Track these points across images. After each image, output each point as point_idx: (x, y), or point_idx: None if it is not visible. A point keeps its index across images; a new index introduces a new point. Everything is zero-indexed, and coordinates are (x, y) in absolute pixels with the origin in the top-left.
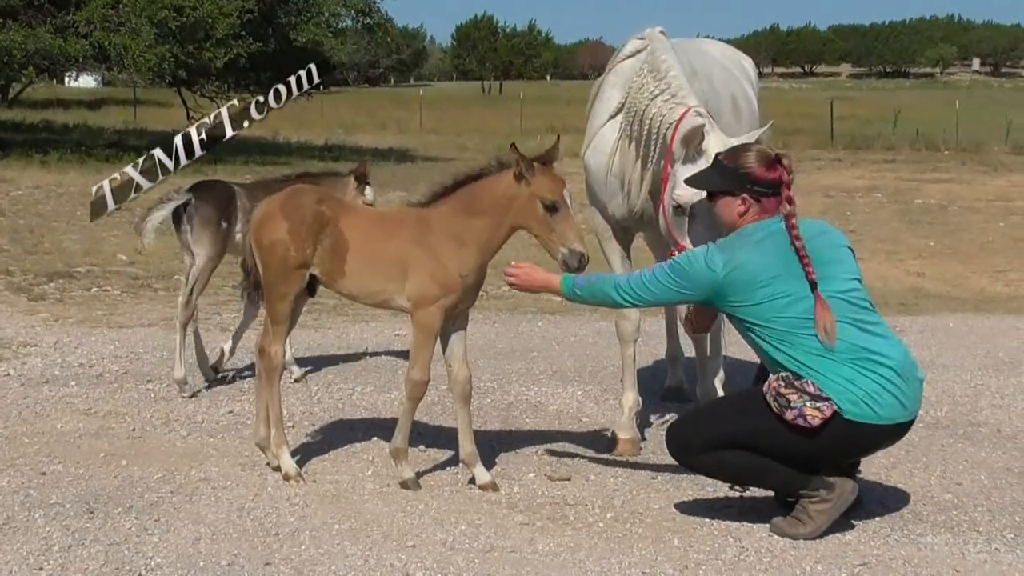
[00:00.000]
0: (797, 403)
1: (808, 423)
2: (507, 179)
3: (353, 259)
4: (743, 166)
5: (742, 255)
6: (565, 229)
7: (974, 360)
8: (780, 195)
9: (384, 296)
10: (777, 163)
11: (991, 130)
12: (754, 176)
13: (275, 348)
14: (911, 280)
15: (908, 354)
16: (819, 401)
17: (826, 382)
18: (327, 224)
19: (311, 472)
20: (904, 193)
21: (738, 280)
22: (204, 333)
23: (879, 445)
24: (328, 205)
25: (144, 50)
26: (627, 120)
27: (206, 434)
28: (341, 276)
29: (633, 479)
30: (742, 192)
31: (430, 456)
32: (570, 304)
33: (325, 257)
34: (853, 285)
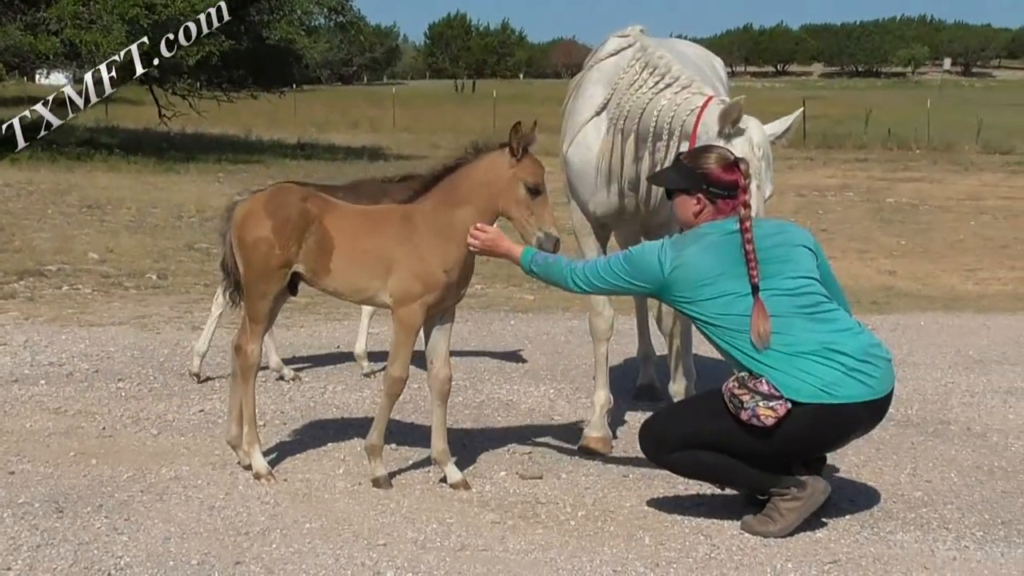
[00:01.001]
0: (750, 403)
1: (762, 423)
2: (487, 164)
3: (338, 257)
4: (701, 166)
5: (690, 252)
6: (543, 213)
7: (944, 358)
8: (736, 198)
9: (369, 293)
10: (735, 167)
11: (962, 129)
12: (711, 176)
13: (252, 347)
14: (882, 279)
15: (870, 338)
16: (772, 400)
17: (782, 377)
18: (312, 222)
19: (282, 471)
20: (876, 192)
21: (682, 277)
22: (175, 331)
23: (851, 431)
24: (313, 202)
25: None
26: (619, 116)
27: (177, 433)
28: (326, 274)
29: (605, 477)
30: (698, 192)
31: (401, 455)
32: (542, 303)
33: (310, 255)
34: (802, 282)
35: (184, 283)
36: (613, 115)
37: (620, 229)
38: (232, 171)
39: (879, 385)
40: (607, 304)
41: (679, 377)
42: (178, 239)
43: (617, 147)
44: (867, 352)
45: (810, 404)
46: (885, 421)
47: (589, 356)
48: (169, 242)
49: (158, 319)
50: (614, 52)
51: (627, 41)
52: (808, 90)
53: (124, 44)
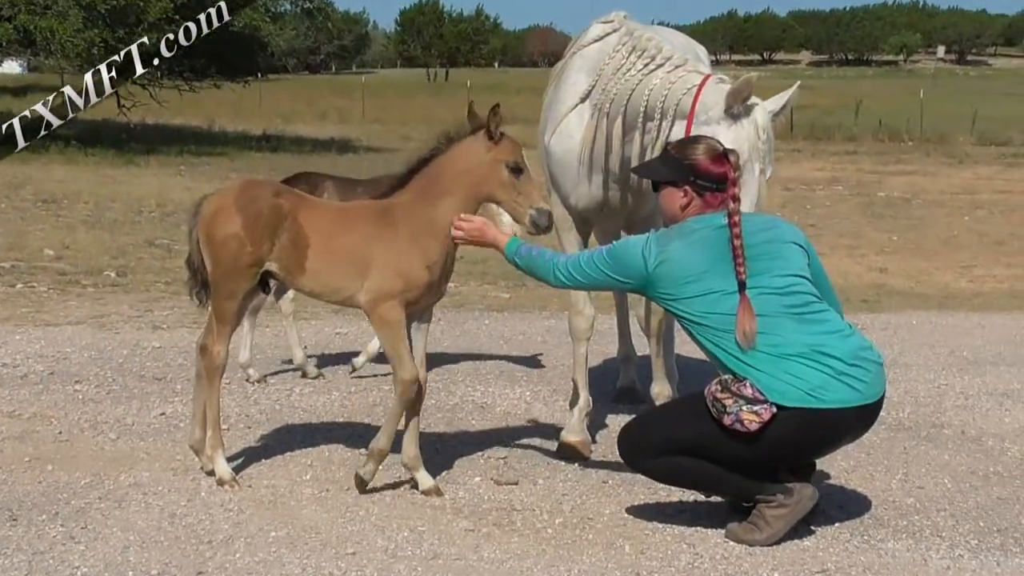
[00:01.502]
0: (732, 408)
1: (745, 428)
2: (464, 151)
3: (314, 256)
4: (689, 157)
5: (674, 248)
6: (531, 190)
7: (938, 359)
8: (725, 191)
9: (347, 294)
10: (724, 158)
11: (957, 120)
12: (698, 168)
13: (218, 348)
14: (873, 276)
15: (861, 341)
16: (756, 404)
17: (767, 379)
18: (285, 219)
19: (247, 477)
20: (866, 186)
21: (666, 273)
22: (135, 331)
23: (840, 437)
24: (286, 198)
25: (72, 34)
26: (604, 100)
27: (136, 437)
28: (301, 273)
29: (583, 483)
30: (685, 184)
31: None
32: (518, 301)
33: (283, 253)
34: (791, 280)
35: (144, 281)
36: (598, 101)
37: (602, 224)
38: (194, 164)
39: (869, 390)
40: (588, 302)
41: (661, 379)
42: (138, 235)
43: (602, 132)
44: (857, 355)
45: (796, 408)
46: (876, 425)
47: (567, 357)
48: (128, 238)
49: (117, 318)
50: (598, 38)
51: (611, 27)
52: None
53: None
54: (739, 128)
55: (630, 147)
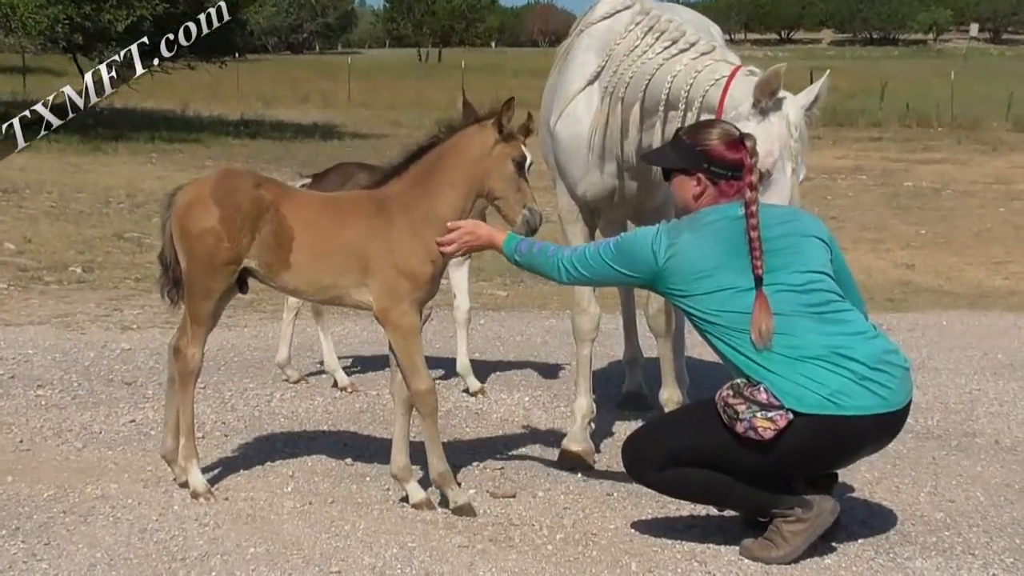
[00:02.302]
0: (746, 414)
1: (759, 436)
2: (470, 141)
3: (300, 250)
4: (702, 143)
5: (686, 240)
6: (528, 189)
7: (970, 362)
8: (741, 179)
9: (337, 291)
10: (740, 144)
11: (990, 104)
12: (712, 154)
13: (192, 350)
14: (899, 273)
15: (886, 344)
16: (771, 411)
17: (784, 383)
18: (267, 211)
19: (223, 489)
20: (892, 175)
21: (677, 268)
22: (103, 332)
23: (861, 447)
24: (268, 188)
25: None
26: (617, 84)
27: (104, 446)
28: (285, 269)
29: (586, 496)
30: (697, 171)
31: (357, 470)
32: (516, 300)
33: (265, 248)
34: (811, 277)
35: (112, 277)
36: (609, 84)
37: (610, 215)
38: (167, 151)
39: (893, 396)
40: (593, 300)
41: (670, 383)
42: (105, 227)
43: (616, 117)
44: (881, 359)
45: (813, 415)
46: (903, 433)
47: (568, 359)
48: (95, 231)
49: (83, 318)
50: (607, 15)
51: (622, 3)
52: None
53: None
54: (769, 125)
55: (649, 135)
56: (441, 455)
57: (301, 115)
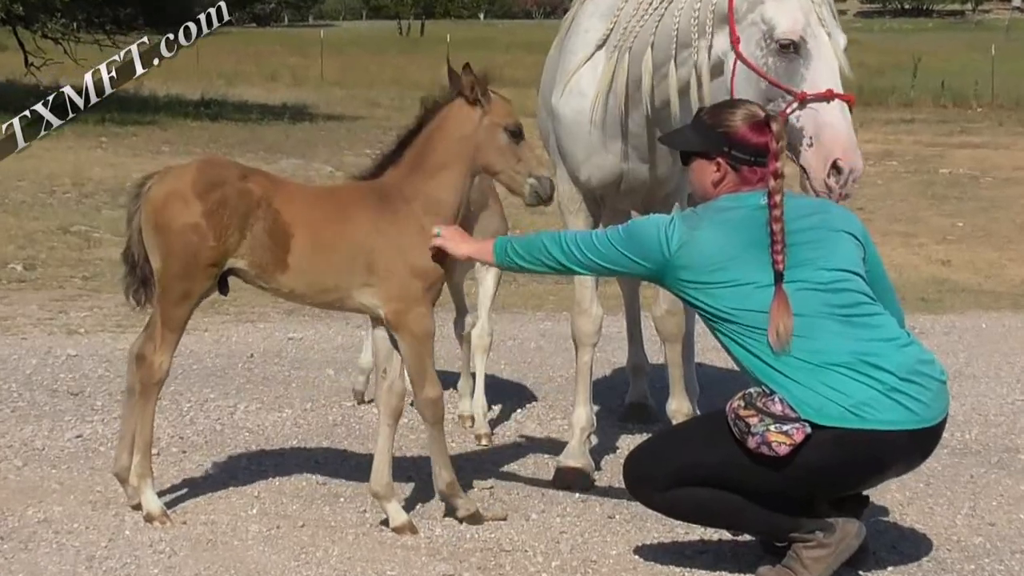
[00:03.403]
0: (758, 428)
1: (774, 451)
2: (455, 117)
3: (299, 249)
4: (723, 123)
5: (701, 229)
6: (530, 157)
7: (1012, 370)
8: (765, 166)
9: (339, 293)
10: (766, 126)
11: None
12: (734, 137)
13: (160, 358)
14: (934, 270)
15: (921, 353)
16: (786, 424)
17: (802, 392)
18: (257, 206)
19: (180, 511)
20: (925, 161)
21: (689, 258)
22: (46, 336)
23: (888, 466)
24: (256, 181)
25: None
26: (627, 36)
27: (47, 464)
28: (281, 270)
29: (585, 518)
30: (717, 155)
31: (330, 490)
32: (508, 300)
33: (259, 248)
34: (838, 276)
35: (57, 275)
36: (617, 43)
37: (615, 204)
38: (119, 134)
39: (926, 412)
40: (595, 300)
41: (679, 393)
42: (50, 220)
43: (622, 72)
44: (914, 369)
45: (835, 428)
46: (938, 448)
47: (565, 367)
48: (38, 223)
49: (24, 321)
50: None
51: None
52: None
53: None
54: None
55: (662, 87)
56: (449, 464)
57: (268, 95)
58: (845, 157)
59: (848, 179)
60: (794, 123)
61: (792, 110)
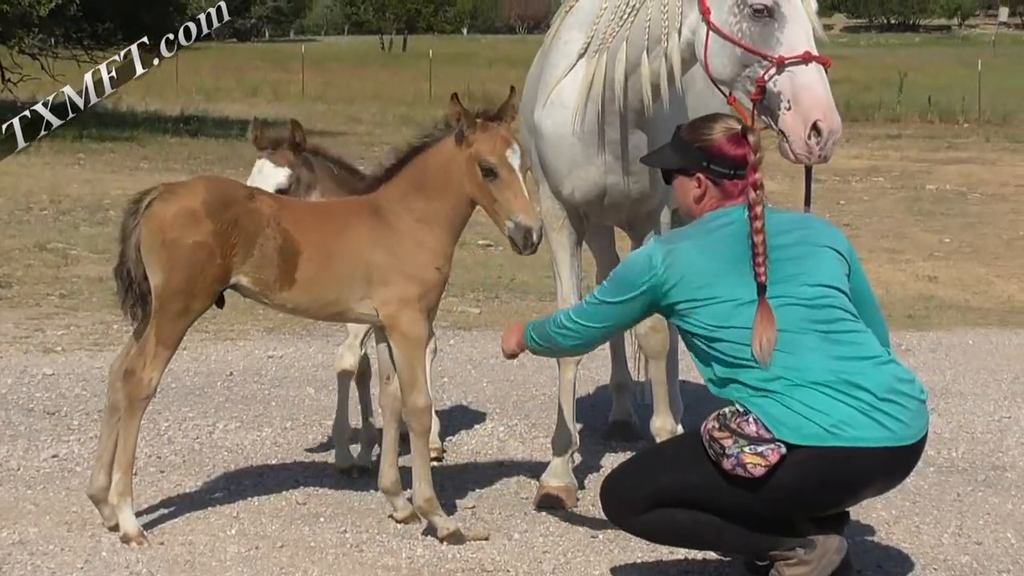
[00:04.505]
0: (733, 449)
1: (749, 473)
2: (449, 144)
3: (304, 264)
4: (701, 138)
5: (685, 245)
6: (509, 197)
7: (999, 387)
8: (744, 178)
9: (340, 306)
10: (743, 138)
11: (1022, 97)
12: (712, 150)
13: (150, 374)
14: (920, 286)
15: (901, 371)
16: (760, 445)
17: (780, 411)
18: (267, 225)
19: (158, 532)
20: (912, 176)
21: (678, 275)
22: (22, 355)
23: (865, 485)
24: (262, 201)
25: None
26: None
27: (22, 485)
28: (287, 287)
29: (568, 538)
30: (696, 170)
31: (310, 511)
32: (490, 317)
33: (265, 265)
34: (822, 291)
35: (34, 293)
36: (596, 48)
37: (599, 220)
38: (96, 150)
39: (905, 431)
40: None
41: (663, 412)
42: (26, 237)
43: (600, 71)
44: (892, 388)
45: (812, 447)
46: (924, 466)
47: (549, 385)
48: (14, 241)
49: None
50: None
51: None
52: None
53: None
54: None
55: (635, 85)
56: (429, 480)
57: (249, 110)
58: (825, 118)
59: (828, 140)
60: (771, 88)
61: (770, 76)
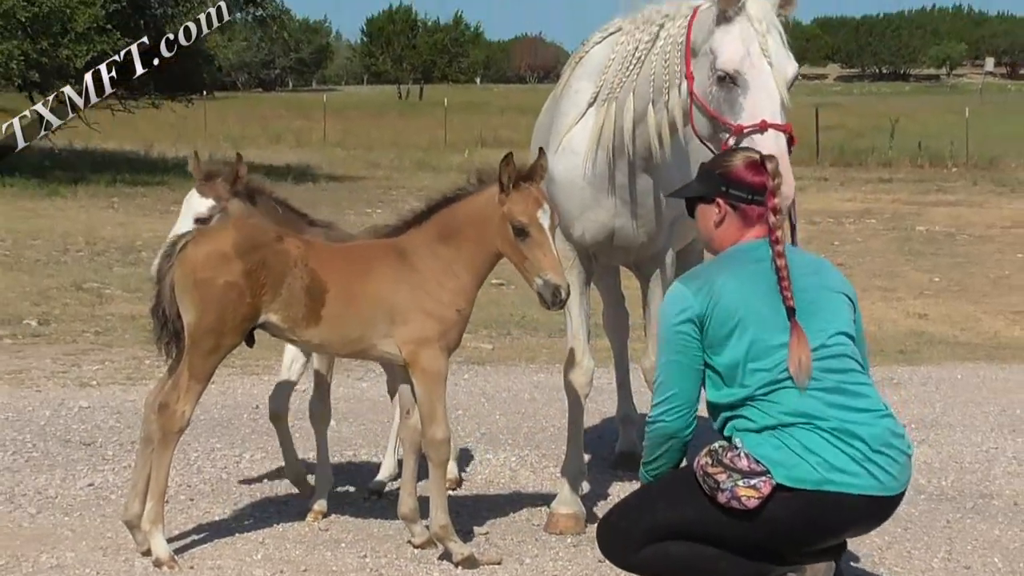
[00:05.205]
0: (727, 484)
1: (743, 505)
2: (482, 199)
3: (330, 303)
4: (719, 166)
5: (720, 280)
6: (539, 256)
7: (986, 419)
8: (762, 203)
9: (364, 344)
10: (761, 166)
11: (1008, 142)
12: (730, 176)
13: (183, 407)
14: (911, 323)
15: (894, 426)
16: (753, 478)
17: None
18: (295, 265)
19: (188, 556)
20: (903, 218)
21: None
22: (60, 389)
23: (846, 527)
24: (291, 242)
25: None
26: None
27: (60, 512)
28: (314, 324)
29: (576, 562)
30: (716, 195)
31: (332, 536)
32: (503, 353)
33: (293, 303)
34: (837, 340)
35: (71, 330)
36: (605, 97)
37: (607, 260)
38: (129, 194)
39: (892, 483)
40: (586, 353)
41: None
42: (63, 276)
43: (609, 123)
44: (887, 442)
45: (802, 490)
46: (915, 495)
47: (558, 417)
48: (52, 280)
49: (38, 374)
50: (599, 42)
51: (615, 26)
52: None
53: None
54: (729, 27)
55: (643, 134)
56: (445, 508)
57: (273, 156)
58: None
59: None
60: None
61: (732, 143)
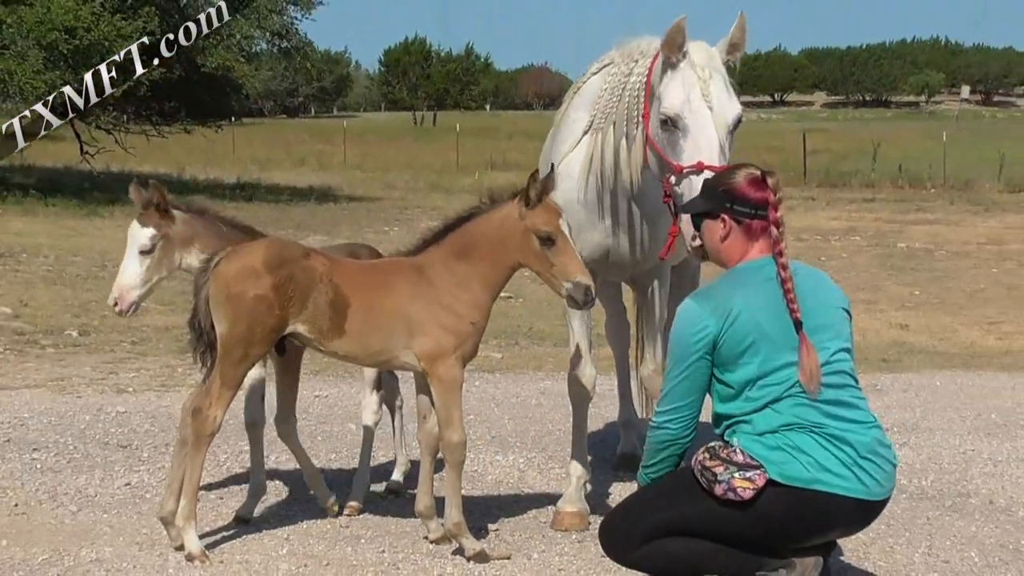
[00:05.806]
0: (724, 476)
1: (739, 496)
2: (497, 218)
3: (353, 316)
4: (723, 183)
5: (735, 301)
6: (565, 262)
7: (963, 423)
8: (765, 218)
9: (385, 356)
10: (763, 182)
11: (983, 165)
12: (734, 192)
13: (215, 412)
14: (893, 333)
15: (882, 437)
16: (748, 470)
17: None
18: (320, 280)
19: (218, 551)
20: (885, 236)
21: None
22: (98, 395)
23: (832, 527)
24: (316, 259)
25: (32, 76)
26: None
27: (99, 509)
28: (338, 336)
29: (581, 557)
30: (721, 211)
31: (352, 532)
32: (511, 361)
33: (318, 316)
34: (837, 356)
35: (109, 340)
36: (595, 126)
37: (605, 277)
38: None
39: (877, 488)
40: (589, 361)
41: None
42: (102, 291)
43: (598, 148)
44: (874, 450)
45: (794, 488)
46: (897, 493)
47: (563, 421)
48: (91, 294)
49: (79, 381)
50: (595, 72)
51: (609, 57)
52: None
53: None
54: (674, 74)
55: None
56: (459, 506)
57: (297, 178)
58: None
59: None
60: (677, 191)
61: (672, 182)
